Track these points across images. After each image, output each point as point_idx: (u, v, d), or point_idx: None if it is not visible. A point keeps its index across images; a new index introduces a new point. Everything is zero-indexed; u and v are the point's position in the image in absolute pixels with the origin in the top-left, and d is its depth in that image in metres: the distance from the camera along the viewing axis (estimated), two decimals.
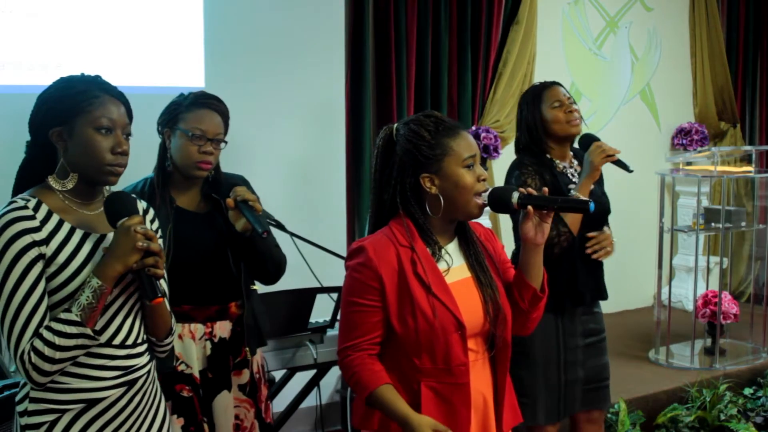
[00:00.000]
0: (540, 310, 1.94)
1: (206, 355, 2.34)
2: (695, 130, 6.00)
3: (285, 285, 2.90)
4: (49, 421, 1.69)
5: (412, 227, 1.84)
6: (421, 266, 1.80)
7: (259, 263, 2.40)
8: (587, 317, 2.79)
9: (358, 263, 1.82)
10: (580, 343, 2.76)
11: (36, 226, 1.66)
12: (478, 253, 1.90)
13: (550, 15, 5.44)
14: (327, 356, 3.01)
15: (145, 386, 1.80)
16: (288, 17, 3.96)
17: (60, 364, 1.64)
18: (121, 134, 1.72)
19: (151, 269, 1.66)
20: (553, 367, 2.71)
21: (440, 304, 1.79)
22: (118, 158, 1.71)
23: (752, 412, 4.09)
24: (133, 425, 1.77)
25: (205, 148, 2.31)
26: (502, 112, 5.03)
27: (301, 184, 3.99)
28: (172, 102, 2.40)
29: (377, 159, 1.89)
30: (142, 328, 1.80)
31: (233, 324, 2.40)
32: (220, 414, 2.36)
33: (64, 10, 3.41)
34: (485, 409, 1.88)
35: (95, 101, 1.69)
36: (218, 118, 2.37)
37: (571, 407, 2.76)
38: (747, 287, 6.14)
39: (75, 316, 1.61)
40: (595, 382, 2.80)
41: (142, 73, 3.55)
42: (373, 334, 1.81)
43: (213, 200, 2.39)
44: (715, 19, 6.17)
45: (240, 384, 2.42)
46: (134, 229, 1.64)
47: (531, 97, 2.79)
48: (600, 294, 2.83)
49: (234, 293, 2.40)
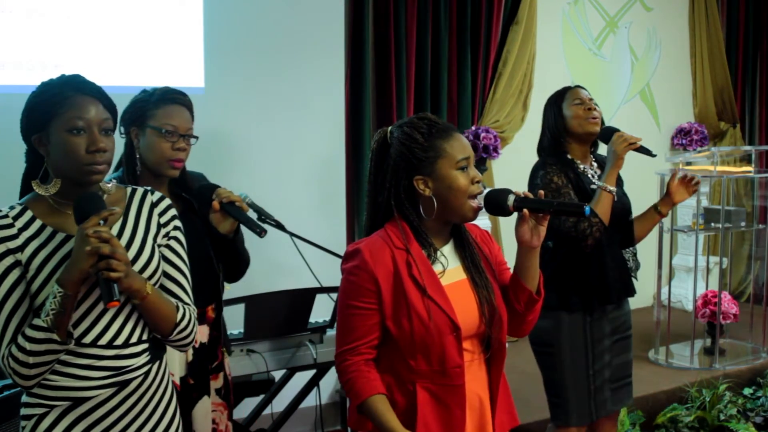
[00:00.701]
0: (536, 312, 1.93)
1: (187, 361, 2.30)
2: (695, 130, 6.01)
3: (285, 285, 2.91)
4: (38, 414, 1.72)
5: (408, 229, 1.84)
6: (416, 268, 1.79)
7: (234, 263, 2.38)
8: (617, 314, 2.83)
9: (353, 266, 1.81)
10: (607, 344, 2.79)
11: (12, 234, 1.68)
12: (473, 254, 1.90)
13: (550, 15, 5.44)
14: (327, 356, 3.01)
15: (143, 388, 1.78)
16: (288, 17, 3.96)
17: (38, 368, 1.65)
18: (97, 131, 1.68)
19: (104, 273, 1.60)
20: (582, 370, 2.74)
21: (435, 306, 1.78)
22: (95, 156, 1.68)
23: (752, 412, 4.09)
24: (128, 426, 1.75)
25: (178, 144, 2.24)
26: (501, 112, 5.03)
27: (300, 184, 3.99)
28: (137, 99, 2.29)
29: (372, 162, 1.89)
30: (138, 328, 1.77)
31: (210, 328, 2.36)
32: (201, 420, 2.32)
33: (64, 10, 3.42)
34: (481, 409, 1.87)
35: (66, 103, 1.68)
36: (187, 113, 2.30)
37: (602, 409, 2.79)
38: (747, 287, 6.15)
39: (42, 321, 1.62)
40: (620, 380, 2.84)
41: (142, 73, 3.54)
42: (369, 336, 1.81)
43: (184, 200, 2.33)
44: (714, 19, 6.17)
45: (216, 388, 2.39)
46: (85, 233, 1.60)
47: (554, 98, 2.83)
48: (628, 290, 2.87)
49: (211, 296, 2.36)
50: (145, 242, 1.78)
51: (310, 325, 3.03)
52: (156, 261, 1.79)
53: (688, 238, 5.50)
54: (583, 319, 2.74)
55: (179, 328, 1.80)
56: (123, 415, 1.75)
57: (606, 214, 2.67)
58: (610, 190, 2.67)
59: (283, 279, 2.50)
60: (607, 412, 2.81)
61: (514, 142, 5.10)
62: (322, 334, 3.03)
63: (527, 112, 5.15)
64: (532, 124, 4.90)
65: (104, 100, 1.73)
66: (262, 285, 2.91)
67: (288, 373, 3.18)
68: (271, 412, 3.23)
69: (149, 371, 1.80)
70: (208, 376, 2.36)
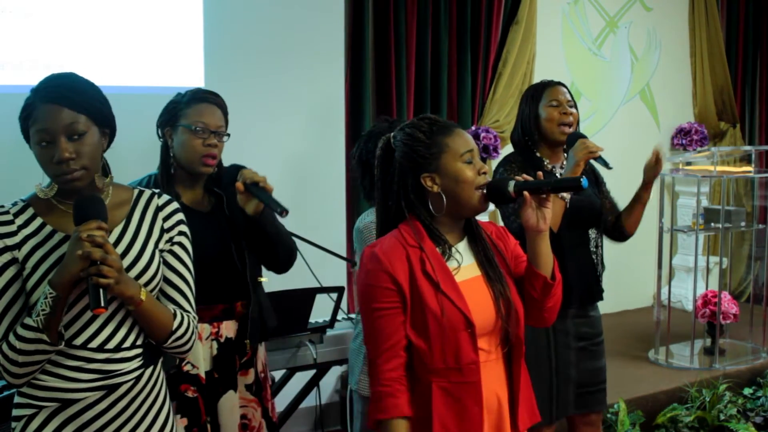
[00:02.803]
0: (554, 298, 1.92)
1: (212, 355, 2.34)
2: (695, 130, 6.01)
3: (285, 285, 2.91)
4: (27, 415, 1.71)
5: (421, 228, 1.84)
6: (429, 264, 1.79)
7: (270, 249, 2.39)
8: (580, 320, 2.76)
9: (369, 270, 1.81)
10: (573, 345, 2.73)
11: (11, 231, 1.68)
12: (487, 249, 1.90)
13: (550, 15, 5.44)
14: (327, 356, 3.02)
15: (133, 392, 1.75)
16: (288, 17, 3.96)
17: (27, 367, 1.65)
18: (63, 140, 1.64)
19: (94, 278, 1.58)
20: (544, 369, 2.68)
21: (449, 302, 1.78)
22: (62, 167, 1.65)
23: (752, 412, 4.09)
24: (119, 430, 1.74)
25: (209, 141, 2.32)
26: (501, 112, 5.03)
27: (300, 185, 3.99)
28: (170, 102, 2.40)
29: (378, 168, 1.90)
30: (132, 334, 1.76)
31: (239, 323, 2.40)
32: (226, 414, 2.35)
33: (64, 10, 3.41)
34: (499, 409, 1.86)
35: (33, 115, 1.67)
36: (219, 112, 2.38)
37: (563, 409, 2.73)
38: (747, 287, 6.15)
39: (32, 321, 1.62)
40: (590, 386, 2.77)
41: (141, 73, 3.54)
42: (399, 335, 1.78)
43: (216, 196, 2.40)
44: (714, 19, 6.17)
45: (246, 383, 2.42)
46: (80, 236, 1.60)
47: (532, 91, 2.80)
48: (592, 296, 2.79)
49: (240, 292, 2.39)
50: (145, 246, 1.77)
51: (310, 325, 3.03)
52: (155, 266, 1.77)
53: (688, 238, 5.49)
54: None
55: (175, 336, 1.79)
56: (113, 418, 1.73)
57: (554, 220, 2.59)
58: (561, 197, 2.62)
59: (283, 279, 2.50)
60: (567, 413, 2.75)
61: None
62: (322, 334, 3.03)
63: None
64: None
65: (70, 103, 1.66)
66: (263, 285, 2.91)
67: (288, 373, 3.18)
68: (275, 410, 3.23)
69: (141, 376, 1.77)
70: (235, 370, 2.38)
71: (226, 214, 2.37)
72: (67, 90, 1.68)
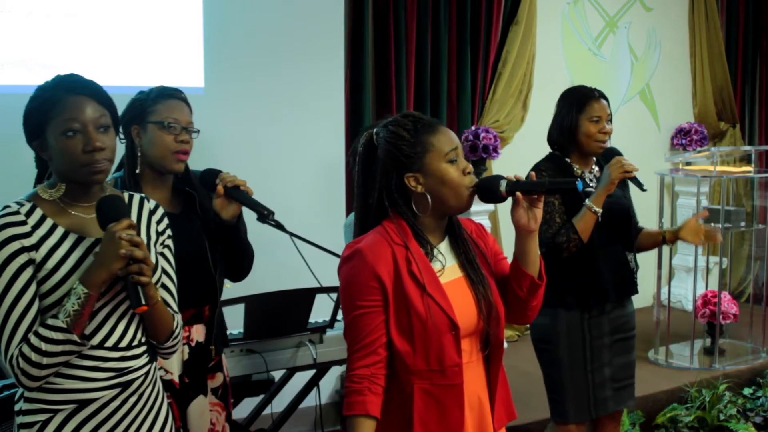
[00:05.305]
0: (539, 297, 1.91)
1: (183, 359, 2.30)
2: (695, 130, 6.01)
3: (285, 285, 2.91)
4: (41, 420, 1.69)
5: (406, 226, 1.82)
6: (415, 265, 1.78)
7: (237, 257, 2.37)
8: (618, 313, 2.86)
9: (352, 266, 1.79)
10: (606, 342, 2.82)
11: (26, 232, 1.66)
12: (468, 250, 1.88)
13: (550, 15, 5.44)
14: (326, 356, 3.01)
15: (142, 388, 1.79)
16: (288, 17, 3.96)
17: (48, 369, 1.64)
18: (93, 130, 1.66)
19: (135, 276, 1.62)
20: (580, 367, 2.78)
21: (434, 304, 1.77)
22: (92, 156, 1.66)
23: (751, 412, 4.10)
24: (129, 427, 1.76)
25: (181, 136, 2.25)
26: (501, 112, 5.03)
27: (300, 184, 3.99)
28: (134, 99, 2.30)
29: (359, 164, 1.86)
30: (139, 330, 1.78)
31: (206, 327, 2.36)
32: (196, 419, 2.31)
33: (64, 10, 3.42)
34: (481, 409, 1.86)
35: (58, 106, 1.66)
36: (187, 108, 2.31)
37: (603, 408, 2.81)
38: (746, 287, 6.14)
39: (61, 322, 1.61)
40: (622, 380, 2.86)
41: (141, 73, 3.54)
42: (378, 333, 1.76)
43: (186, 196, 2.33)
44: (714, 19, 6.18)
45: (213, 387, 2.39)
46: (119, 236, 1.61)
47: (576, 99, 2.83)
48: (629, 290, 2.90)
49: (209, 296, 2.35)
50: (148, 249, 1.78)
51: (310, 325, 3.02)
52: (158, 268, 1.80)
53: None
54: (581, 316, 2.78)
55: (174, 335, 1.83)
56: (125, 414, 1.75)
57: (586, 232, 2.70)
58: (595, 211, 2.69)
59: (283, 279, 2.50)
60: (607, 411, 2.82)
61: (513, 142, 5.10)
62: (322, 334, 3.03)
63: (527, 112, 5.15)
64: (532, 124, 4.91)
65: (98, 96, 1.71)
66: (262, 285, 2.91)
67: (288, 373, 3.17)
68: (270, 412, 3.23)
69: (148, 372, 1.81)
70: (204, 375, 2.36)
71: (199, 215, 2.31)
72: (92, 84, 1.72)
